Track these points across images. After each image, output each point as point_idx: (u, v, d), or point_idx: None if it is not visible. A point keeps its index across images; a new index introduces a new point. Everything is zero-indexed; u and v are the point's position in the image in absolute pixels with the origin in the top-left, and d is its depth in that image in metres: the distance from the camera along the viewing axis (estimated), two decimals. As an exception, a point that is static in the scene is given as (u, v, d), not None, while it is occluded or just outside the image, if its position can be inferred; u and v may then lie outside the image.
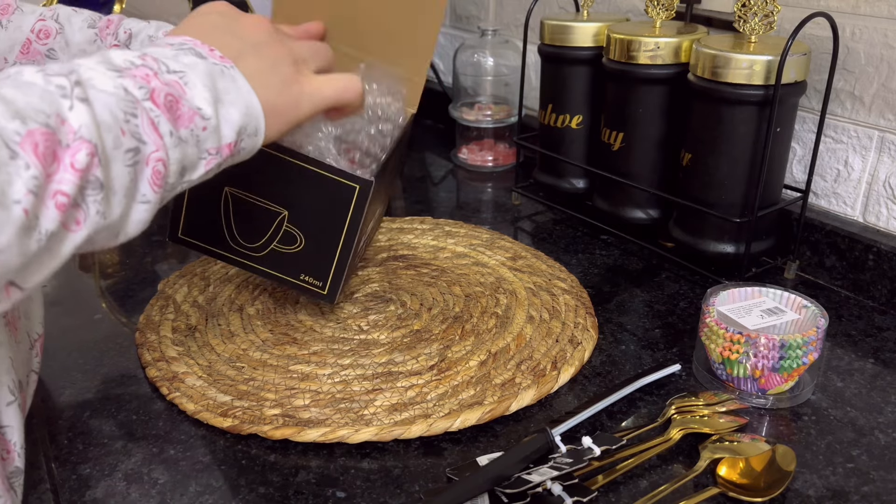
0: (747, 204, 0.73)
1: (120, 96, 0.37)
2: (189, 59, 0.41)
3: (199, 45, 0.42)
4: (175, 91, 0.40)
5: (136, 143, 0.37)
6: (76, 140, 0.34)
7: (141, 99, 0.38)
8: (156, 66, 0.40)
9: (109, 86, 0.37)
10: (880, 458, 0.52)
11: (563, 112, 0.90)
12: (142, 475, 0.51)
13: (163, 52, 0.41)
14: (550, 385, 0.59)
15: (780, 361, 0.55)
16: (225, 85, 0.42)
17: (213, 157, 0.42)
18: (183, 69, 0.40)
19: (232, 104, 0.42)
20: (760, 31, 0.70)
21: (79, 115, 0.34)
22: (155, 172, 0.38)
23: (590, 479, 0.49)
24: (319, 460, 0.52)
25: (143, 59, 0.40)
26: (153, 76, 0.39)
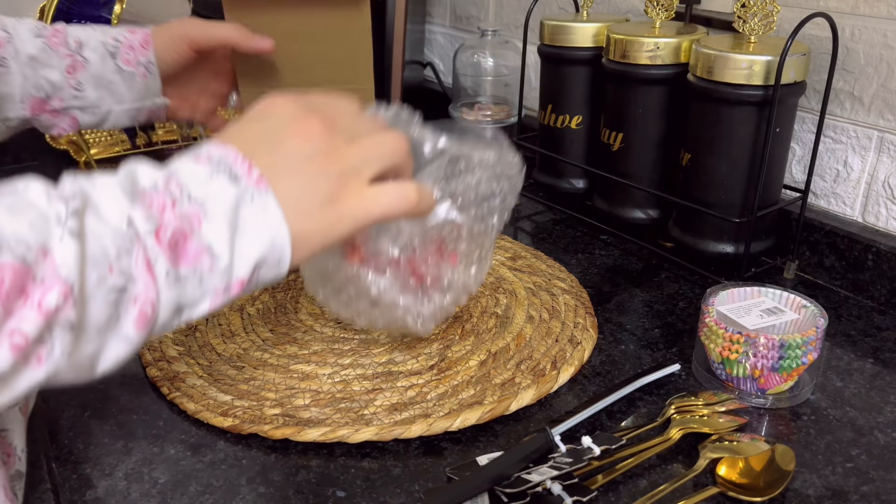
0: (747, 204, 0.73)
1: (120, 230, 0.35)
2: (220, 183, 0.38)
3: (238, 162, 0.39)
4: (187, 226, 0.37)
5: (123, 282, 0.34)
6: (52, 277, 0.32)
7: (143, 234, 0.35)
8: (177, 194, 0.37)
9: (114, 216, 0.35)
10: (879, 458, 0.52)
11: (563, 112, 0.90)
12: (142, 475, 0.51)
13: (194, 173, 0.38)
14: (550, 385, 0.59)
15: (780, 361, 0.55)
16: (251, 213, 0.39)
17: (221, 296, 0.39)
18: (206, 198, 0.37)
19: (253, 236, 0.39)
20: (760, 32, 0.70)
21: (65, 249, 0.32)
22: (141, 313, 0.35)
23: (589, 479, 0.49)
24: (319, 460, 0.52)
25: (166, 183, 0.37)
26: (169, 207, 0.36)
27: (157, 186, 0.37)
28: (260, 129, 0.42)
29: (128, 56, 0.66)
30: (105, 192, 0.35)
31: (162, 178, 0.37)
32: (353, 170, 0.42)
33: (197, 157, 0.39)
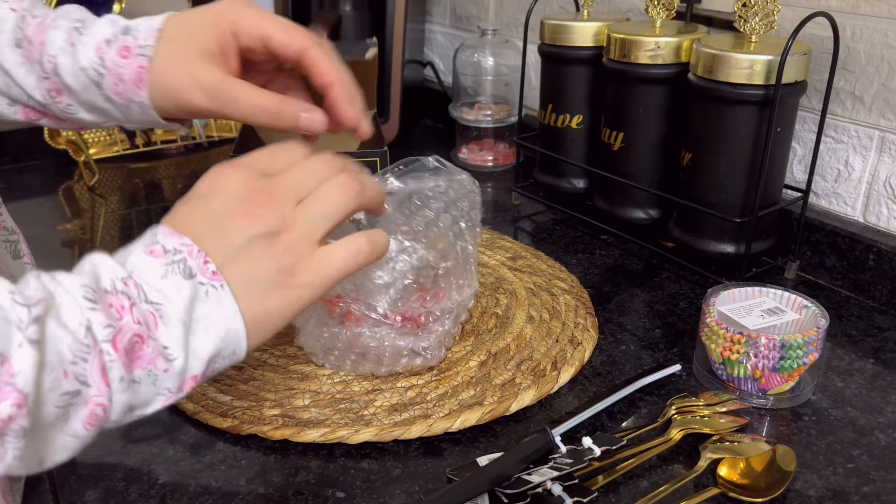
0: (747, 204, 0.73)
1: (78, 337, 0.35)
2: (174, 281, 0.38)
3: (194, 254, 0.39)
4: (144, 330, 0.37)
5: (77, 387, 0.35)
6: (8, 386, 0.32)
7: (101, 340, 0.35)
8: (136, 295, 0.37)
9: (74, 321, 0.35)
10: (881, 459, 0.52)
11: (564, 112, 0.90)
12: (141, 475, 0.50)
13: (150, 271, 0.38)
14: (550, 385, 0.59)
15: (781, 361, 0.55)
16: (206, 310, 0.39)
17: (174, 394, 0.39)
18: (162, 301, 0.38)
19: (208, 332, 0.39)
20: (761, 31, 0.70)
21: (23, 357, 0.32)
22: (92, 414, 0.36)
23: (590, 480, 0.49)
24: (319, 460, 0.52)
25: (125, 284, 0.37)
26: (128, 309, 0.37)
27: (115, 287, 0.37)
28: (208, 212, 0.41)
29: (117, 88, 0.49)
30: (68, 295, 0.35)
31: (120, 278, 0.37)
32: (301, 238, 0.41)
33: (152, 251, 0.39)
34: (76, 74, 0.49)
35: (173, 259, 0.39)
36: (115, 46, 0.49)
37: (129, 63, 0.48)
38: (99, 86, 0.49)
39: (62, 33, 0.49)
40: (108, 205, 1.00)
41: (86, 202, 1.01)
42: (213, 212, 0.41)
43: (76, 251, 0.87)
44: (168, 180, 1.09)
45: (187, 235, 0.39)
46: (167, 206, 0.99)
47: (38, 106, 0.52)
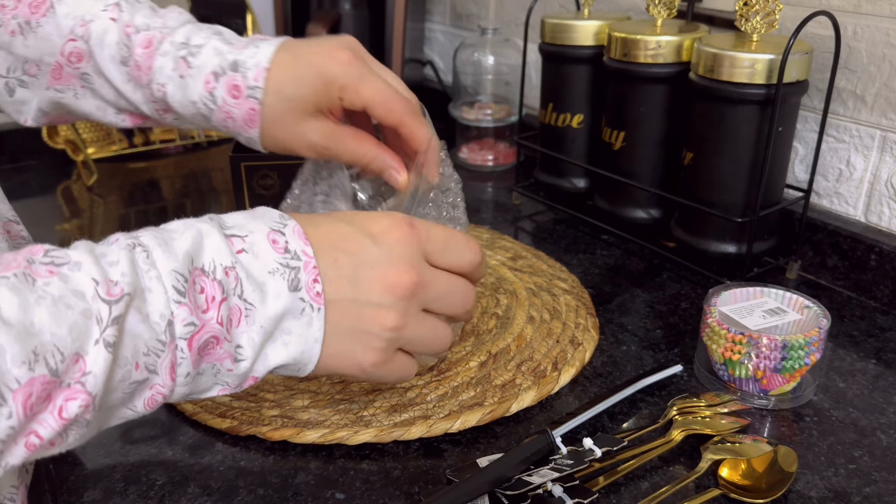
0: (749, 204, 0.72)
1: (157, 333, 0.35)
2: (278, 285, 0.38)
3: (309, 269, 0.39)
4: (222, 331, 0.37)
5: (146, 376, 0.36)
6: (77, 384, 0.32)
7: (178, 337, 0.35)
8: (232, 289, 0.37)
9: (157, 313, 0.34)
10: (882, 459, 0.52)
11: (564, 111, 0.90)
12: (140, 476, 0.50)
13: (259, 264, 0.38)
14: (551, 386, 0.59)
15: (782, 362, 0.55)
16: (294, 327, 0.39)
17: (230, 388, 0.40)
18: (256, 304, 0.37)
19: (287, 346, 0.39)
20: (762, 30, 0.69)
21: (97, 358, 0.32)
22: (152, 399, 0.37)
23: (591, 481, 0.49)
24: (318, 462, 0.52)
25: (226, 274, 0.37)
26: (217, 304, 0.36)
27: (214, 274, 0.36)
28: (360, 252, 0.41)
29: (226, 123, 0.52)
30: (157, 283, 0.35)
31: (224, 266, 0.37)
32: (401, 342, 0.43)
33: (275, 240, 0.38)
34: (185, 105, 0.52)
35: (289, 263, 0.38)
36: (224, 83, 0.50)
37: (239, 104, 0.50)
38: (208, 118, 0.52)
39: (170, 62, 0.51)
40: (106, 204, 0.99)
41: (84, 202, 1.00)
42: (365, 255, 0.41)
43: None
44: (167, 180, 1.08)
45: (316, 251, 0.39)
46: (165, 206, 0.99)
47: (145, 115, 0.55)
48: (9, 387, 0.30)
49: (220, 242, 0.37)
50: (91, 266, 0.33)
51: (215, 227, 0.38)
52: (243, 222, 0.39)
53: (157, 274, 0.35)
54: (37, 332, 0.31)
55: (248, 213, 0.40)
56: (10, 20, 0.51)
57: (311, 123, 0.51)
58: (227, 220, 0.39)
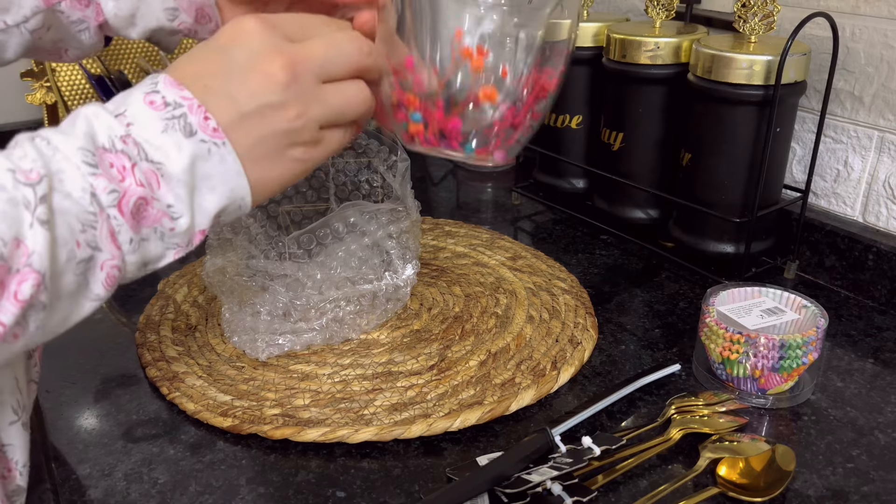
0: (747, 204, 0.73)
1: (84, 206, 0.35)
2: (174, 138, 0.38)
3: (194, 109, 0.38)
4: (147, 192, 0.37)
5: (90, 253, 0.36)
6: (25, 267, 0.33)
7: (106, 206, 0.36)
8: (136, 154, 0.37)
9: (77, 189, 0.35)
10: (880, 458, 0.52)
11: (563, 112, 0.90)
12: (142, 475, 0.51)
13: (149, 127, 0.37)
14: (550, 385, 0.59)
15: (780, 361, 0.55)
16: (208, 168, 0.39)
17: (183, 248, 0.40)
18: (163, 160, 0.37)
19: (212, 190, 0.39)
20: (760, 31, 0.70)
21: (36, 237, 0.33)
22: (109, 276, 0.37)
23: (590, 479, 0.49)
24: (319, 460, 0.52)
25: (124, 143, 0.37)
26: (129, 170, 0.36)
27: (115, 146, 0.36)
28: (222, 66, 0.40)
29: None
30: (68, 163, 0.35)
31: (119, 136, 0.37)
32: (316, 122, 0.41)
33: (152, 101, 0.38)
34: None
35: (173, 114, 0.38)
36: None
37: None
38: None
39: None
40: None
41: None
42: (228, 66, 0.40)
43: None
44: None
45: (190, 89, 0.38)
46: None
47: None
48: None
49: (109, 119, 0.37)
50: (2, 159, 0.34)
51: (99, 108, 0.38)
52: (121, 98, 0.39)
53: (63, 155, 0.35)
54: None
55: (127, 91, 0.40)
56: None
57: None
58: (108, 105, 0.39)
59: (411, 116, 0.44)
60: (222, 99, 0.39)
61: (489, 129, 0.44)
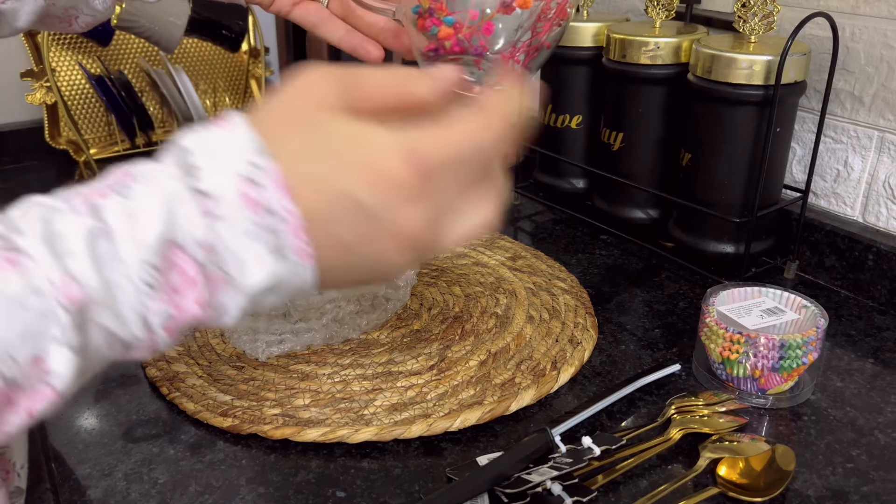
0: (747, 204, 0.73)
1: (130, 328, 0.30)
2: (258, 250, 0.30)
3: (297, 233, 0.30)
4: (204, 312, 0.32)
5: (122, 353, 0.32)
6: (41, 384, 0.28)
7: (156, 327, 0.31)
8: (208, 262, 0.30)
9: (128, 309, 0.30)
10: (880, 458, 0.52)
11: (563, 112, 0.90)
12: (142, 475, 0.51)
13: (236, 228, 0.30)
14: (550, 385, 0.59)
15: (780, 361, 0.55)
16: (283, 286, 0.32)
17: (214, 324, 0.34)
18: (237, 274, 0.31)
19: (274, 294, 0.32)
20: (760, 32, 0.70)
21: (59, 358, 0.28)
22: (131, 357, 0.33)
23: (590, 479, 0.49)
24: (319, 460, 0.52)
25: (201, 249, 0.30)
26: (193, 284, 0.30)
27: (188, 250, 0.30)
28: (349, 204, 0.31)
29: None
30: (126, 280, 0.29)
31: (198, 239, 0.30)
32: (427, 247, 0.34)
33: (248, 196, 0.30)
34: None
35: (269, 225, 0.30)
36: None
37: None
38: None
39: None
40: (108, 205, 0.99)
41: (86, 202, 1.01)
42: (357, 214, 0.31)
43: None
44: (168, 180, 1.09)
45: (299, 201, 0.30)
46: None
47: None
48: None
49: (194, 212, 0.30)
50: (47, 259, 0.28)
51: (184, 183, 0.30)
52: (209, 158, 0.31)
53: (123, 270, 0.29)
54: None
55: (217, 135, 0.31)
56: None
57: None
58: (194, 159, 0.30)
59: (445, 20, 0.44)
60: (335, 240, 0.31)
61: (517, 38, 0.45)
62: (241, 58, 1.23)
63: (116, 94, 1.10)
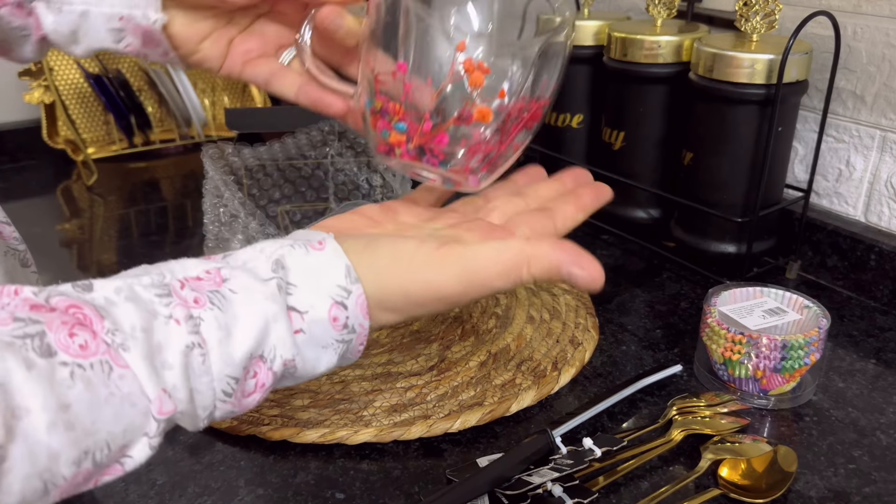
0: (749, 203, 0.72)
1: (195, 419, 0.33)
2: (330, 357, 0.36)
3: (362, 338, 0.37)
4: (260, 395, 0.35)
5: None
6: (116, 464, 0.31)
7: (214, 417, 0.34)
8: (284, 371, 0.35)
9: (200, 408, 0.33)
10: (882, 459, 0.52)
11: (564, 111, 0.90)
12: (140, 476, 0.50)
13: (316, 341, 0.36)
14: (551, 386, 0.59)
15: (782, 362, 0.55)
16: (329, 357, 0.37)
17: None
18: (304, 374, 0.36)
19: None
20: (762, 30, 0.69)
21: (141, 450, 0.31)
22: None
23: (591, 481, 0.49)
24: (318, 461, 0.52)
25: (284, 364, 0.34)
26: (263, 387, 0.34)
27: (272, 364, 0.34)
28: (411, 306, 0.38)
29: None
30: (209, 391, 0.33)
31: (286, 358, 0.35)
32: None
33: (336, 318, 0.36)
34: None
35: (345, 339, 0.36)
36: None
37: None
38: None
39: None
40: (106, 204, 0.99)
41: (84, 202, 1.00)
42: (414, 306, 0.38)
43: (74, 251, 0.87)
44: (166, 180, 1.08)
45: (373, 313, 0.37)
46: (165, 206, 0.99)
47: None
48: (55, 483, 0.29)
49: (285, 330, 0.34)
50: (146, 371, 0.30)
51: (281, 302, 0.35)
52: (307, 285, 0.36)
53: (209, 380, 0.33)
54: (95, 432, 0.29)
55: (314, 259, 0.36)
56: None
57: None
58: (292, 277, 0.35)
59: (395, 126, 0.41)
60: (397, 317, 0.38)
61: (475, 149, 0.41)
62: (240, 57, 1.23)
63: (114, 93, 1.09)
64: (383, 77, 0.42)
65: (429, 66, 0.41)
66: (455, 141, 0.41)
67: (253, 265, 0.35)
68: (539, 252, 0.38)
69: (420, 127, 0.41)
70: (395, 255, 0.38)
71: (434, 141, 0.41)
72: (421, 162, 0.42)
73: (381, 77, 0.42)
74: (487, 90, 0.40)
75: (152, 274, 0.33)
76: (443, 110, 0.41)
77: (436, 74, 0.40)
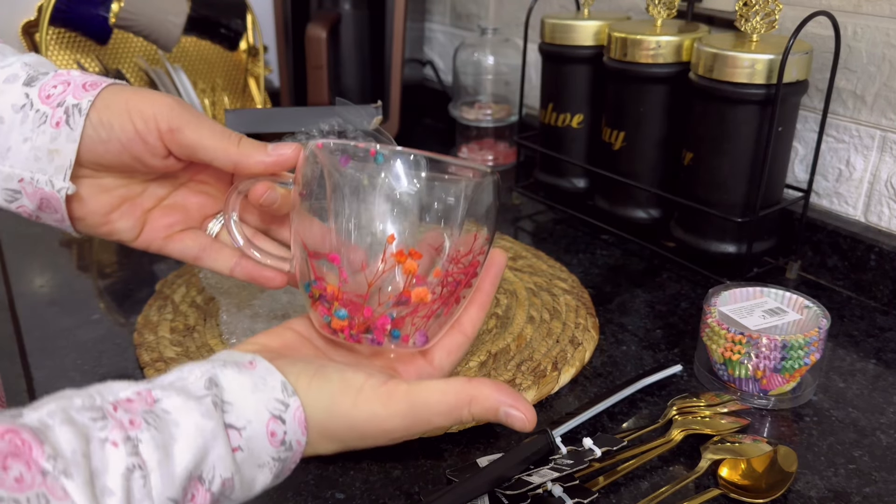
0: (749, 203, 0.72)
1: None
2: (264, 479, 0.37)
3: (296, 456, 0.38)
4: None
5: None
6: None
7: None
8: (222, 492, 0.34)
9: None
10: (882, 459, 0.52)
11: (564, 111, 0.90)
12: (140, 476, 0.50)
13: (252, 461, 0.36)
14: (551, 386, 0.59)
15: (782, 362, 0.55)
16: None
17: None
18: (240, 494, 0.36)
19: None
20: (762, 30, 0.69)
21: None
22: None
23: (591, 481, 0.49)
24: (318, 461, 0.52)
25: (223, 484, 0.34)
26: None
27: (211, 484, 0.34)
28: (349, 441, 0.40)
29: (52, 89, 0.43)
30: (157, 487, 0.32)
31: (224, 477, 0.35)
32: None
33: (273, 432, 0.36)
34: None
35: (281, 457, 0.37)
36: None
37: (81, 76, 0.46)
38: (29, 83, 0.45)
39: None
40: (107, 204, 0.99)
41: (85, 201, 1.00)
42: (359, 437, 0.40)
43: (74, 251, 0.86)
44: (167, 180, 1.08)
45: (309, 437, 0.38)
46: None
47: None
48: None
49: (223, 447, 0.35)
50: (86, 500, 0.29)
51: (218, 419, 0.35)
52: (243, 402, 0.36)
53: (157, 496, 0.32)
54: None
55: (249, 379, 0.37)
56: None
57: None
58: (227, 395, 0.36)
59: (336, 313, 0.42)
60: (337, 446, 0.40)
61: (419, 322, 0.43)
62: (239, 57, 1.23)
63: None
64: (314, 247, 0.43)
65: (361, 257, 0.42)
66: (399, 319, 0.43)
67: (182, 384, 0.35)
68: (480, 393, 0.40)
69: (361, 311, 0.42)
70: (344, 385, 0.39)
71: (377, 323, 0.43)
72: (368, 342, 0.43)
73: (312, 249, 0.43)
74: (422, 270, 0.42)
75: (82, 396, 0.32)
76: (381, 294, 0.42)
77: (370, 264, 0.42)
